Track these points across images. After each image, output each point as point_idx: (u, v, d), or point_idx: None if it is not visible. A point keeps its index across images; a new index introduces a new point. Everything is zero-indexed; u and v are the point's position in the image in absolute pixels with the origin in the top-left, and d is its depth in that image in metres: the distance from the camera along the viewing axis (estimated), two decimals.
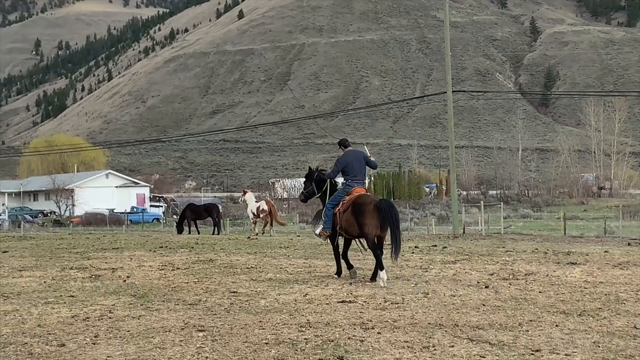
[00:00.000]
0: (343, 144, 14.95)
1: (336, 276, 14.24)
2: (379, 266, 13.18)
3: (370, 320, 9.62)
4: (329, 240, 14.47)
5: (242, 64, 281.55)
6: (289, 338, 8.62)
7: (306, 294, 12.02)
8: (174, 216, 75.11)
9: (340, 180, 14.87)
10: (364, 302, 11.18)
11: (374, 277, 13.50)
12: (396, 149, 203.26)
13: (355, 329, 9.13)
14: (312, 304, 11.06)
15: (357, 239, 14.20)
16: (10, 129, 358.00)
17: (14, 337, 8.84)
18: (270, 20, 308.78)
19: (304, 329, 9.09)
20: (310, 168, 15.72)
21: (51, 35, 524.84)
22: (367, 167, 14.89)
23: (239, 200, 53.66)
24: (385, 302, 11.15)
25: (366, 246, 13.87)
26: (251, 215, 37.32)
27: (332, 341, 8.40)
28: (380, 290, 12.26)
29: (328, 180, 14.70)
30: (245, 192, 39.61)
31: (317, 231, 14.58)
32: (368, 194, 14.29)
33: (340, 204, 13.82)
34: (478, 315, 9.94)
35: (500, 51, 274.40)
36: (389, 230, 13.36)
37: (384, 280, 12.97)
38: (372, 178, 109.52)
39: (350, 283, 13.18)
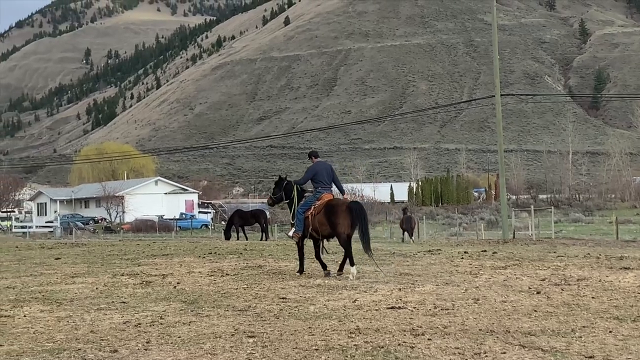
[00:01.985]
0: (313, 154, 16.73)
1: (298, 274, 15.78)
2: (351, 262, 14.99)
3: (420, 327, 9.56)
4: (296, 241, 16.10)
5: (288, 70, 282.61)
6: (339, 344, 8.60)
7: (355, 299, 11.98)
8: (222, 222, 75.61)
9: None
10: (414, 308, 11.11)
11: (341, 269, 15.56)
12: (444, 153, 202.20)
13: (405, 335, 9.08)
14: (361, 310, 11.02)
15: (322, 240, 15.93)
16: (62, 137, 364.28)
17: (67, 343, 8.96)
18: (316, 26, 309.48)
19: (353, 335, 9.07)
20: (280, 176, 17.29)
21: (101, 45, 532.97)
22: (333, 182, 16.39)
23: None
24: (435, 308, 11.07)
25: (327, 248, 15.86)
26: None
27: (382, 347, 8.37)
28: (430, 296, 12.19)
29: (295, 187, 16.28)
30: None
31: (290, 233, 16.14)
32: (338, 197, 16.29)
33: (312, 208, 15.45)
34: (530, 322, 9.82)
35: (549, 54, 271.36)
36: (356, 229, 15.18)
37: (354, 275, 14.81)
38: (420, 182, 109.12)
39: (400, 289, 13.11)
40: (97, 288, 14.26)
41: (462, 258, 20.08)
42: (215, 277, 15.76)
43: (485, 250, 23.20)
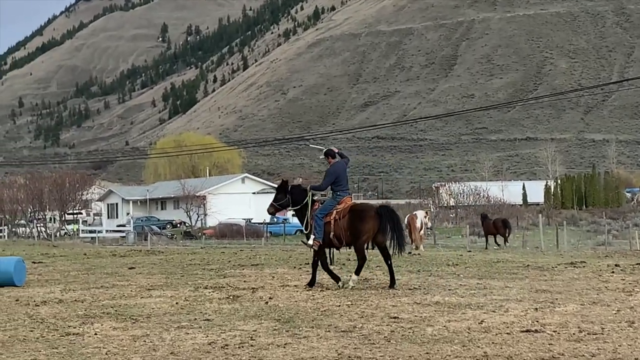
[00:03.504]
0: (330, 154, 17.34)
1: (309, 287, 16.64)
2: (358, 270, 16.69)
3: (562, 354, 9.42)
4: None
5: (398, 47, 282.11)
6: None
7: (482, 321, 11.89)
8: None
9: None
10: (554, 331, 10.95)
11: (392, 282, 16.57)
12: (588, 145, 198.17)
13: None
14: (489, 333, 10.93)
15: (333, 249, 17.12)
16: (135, 128, 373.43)
17: None
18: None
19: None
20: (283, 180, 18.11)
21: (179, 19, 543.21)
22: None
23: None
24: (581, 332, 10.88)
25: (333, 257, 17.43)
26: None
27: None
28: (574, 318, 11.99)
29: (310, 193, 17.11)
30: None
31: (310, 242, 16.68)
32: (362, 201, 17.57)
33: (335, 213, 16.41)
34: None
35: None
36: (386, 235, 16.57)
37: (354, 281, 16.51)
38: (559, 181, 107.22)
39: (536, 309, 12.93)
40: (177, 303, 14.55)
41: (613, 272, 19.67)
42: (314, 292, 15.87)
43: None
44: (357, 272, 16.69)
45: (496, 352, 9.63)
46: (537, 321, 11.80)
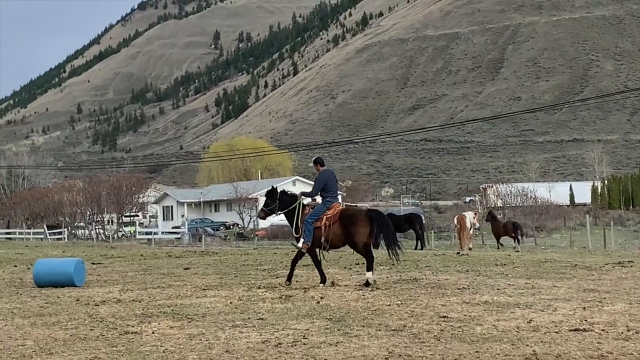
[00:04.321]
0: (320, 162, 18.00)
1: (322, 285, 17.17)
2: (370, 267, 16.87)
3: (611, 353, 9.31)
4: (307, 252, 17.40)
5: (445, 51, 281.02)
6: None
7: (530, 320, 11.79)
8: None
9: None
10: (602, 330, 10.83)
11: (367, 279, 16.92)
12: (636, 146, 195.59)
13: None
14: (538, 332, 10.84)
15: (321, 250, 17.46)
16: (188, 132, 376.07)
17: None
18: None
19: None
20: (273, 186, 18.92)
21: (231, 27, 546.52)
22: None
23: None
24: (629, 330, 10.75)
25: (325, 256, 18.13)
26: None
27: None
28: (622, 317, 11.84)
29: (300, 198, 17.80)
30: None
31: (300, 244, 17.34)
32: (350, 206, 17.90)
33: (325, 219, 17.01)
34: None
35: None
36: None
37: (371, 280, 16.74)
38: (606, 182, 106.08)
39: (585, 308, 12.80)
40: (231, 302, 14.62)
41: None
42: (364, 292, 15.85)
43: None
44: (370, 269, 16.98)
45: (545, 350, 9.55)
46: (586, 320, 11.68)
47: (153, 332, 11.50)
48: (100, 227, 79.60)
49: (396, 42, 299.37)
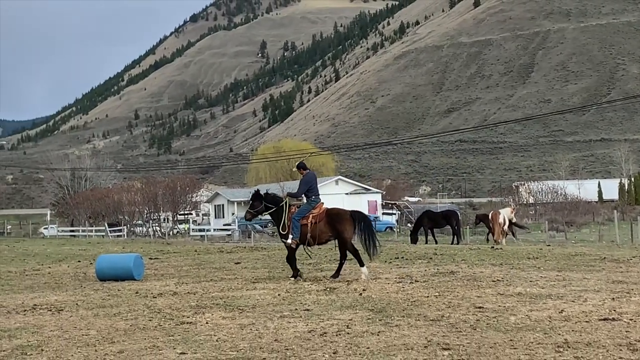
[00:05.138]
0: (302, 166, 18.69)
1: (292, 279, 17.50)
2: (360, 263, 17.34)
3: (639, 341, 9.22)
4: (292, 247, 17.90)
5: (479, 57, 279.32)
6: (545, 359, 8.43)
7: (562, 310, 11.71)
8: (408, 224, 75.69)
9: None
10: (630, 319, 10.73)
11: (337, 274, 17.57)
12: None
13: (621, 350, 8.78)
14: (569, 321, 10.76)
15: (305, 246, 17.88)
16: (238, 136, 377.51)
17: (251, 352, 9.28)
18: (509, 7, 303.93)
19: (561, 350, 8.86)
20: (257, 190, 19.44)
21: (277, 36, 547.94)
22: None
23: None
24: None
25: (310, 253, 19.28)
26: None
27: None
28: None
29: (286, 199, 18.28)
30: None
31: (289, 241, 17.70)
32: (335, 207, 18.56)
33: (311, 217, 17.47)
34: None
35: None
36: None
37: (366, 275, 17.04)
38: (632, 179, 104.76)
39: (613, 299, 12.67)
40: (279, 294, 14.68)
41: None
42: (404, 284, 15.83)
43: None
44: (362, 264, 17.37)
45: (576, 339, 9.48)
46: (614, 310, 11.58)
47: (207, 323, 11.58)
48: (156, 224, 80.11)
49: (432, 49, 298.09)
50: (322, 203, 18.18)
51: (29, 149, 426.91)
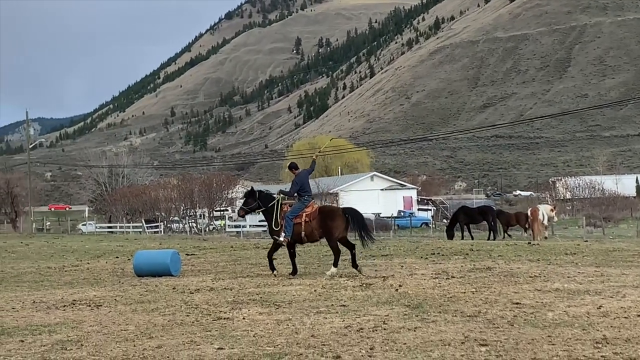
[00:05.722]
0: (294, 167, 19.55)
1: (292, 275, 17.89)
2: (336, 264, 17.77)
3: None
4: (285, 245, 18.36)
5: (514, 52, 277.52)
6: (584, 355, 8.38)
7: (600, 306, 11.62)
8: (444, 220, 75.43)
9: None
10: None
11: (354, 265, 17.89)
12: None
13: None
14: (607, 317, 10.68)
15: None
16: (273, 132, 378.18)
17: (288, 347, 9.31)
18: (546, 1, 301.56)
19: (600, 346, 8.81)
20: (252, 187, 20.38)
21: (311, 33, 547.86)
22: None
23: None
24: None
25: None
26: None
27: None
28: None
29: (279, 197, 18.62)
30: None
31: (281, 239, 18.11)
32: (327, 205, 18.58)
33: (304, 215, 17.89)
34: None
35: None
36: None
37: (333, 274, 17.36)
38: None
39: None
40: (315, 290, 14.70)
41: None
42: (440, 280, 15.79)
43: None
44: (335, 265, 17.83)
45: (614, 335, 9.41)
46: None
47: (244, 318, 11.63)
48: (193, 221, 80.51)
49: (467, 44, 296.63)
50: (314, 202, 18.80)
51: (67, 146, 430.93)
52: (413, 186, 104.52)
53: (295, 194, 18.55)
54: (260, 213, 19.28)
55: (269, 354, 8.95)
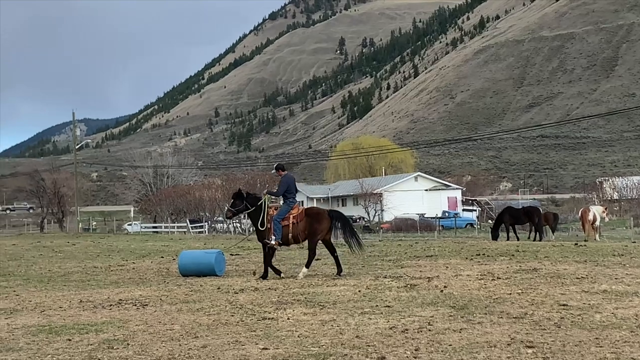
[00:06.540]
0: (281, 168, 19.63)
1: (262, 279, 17.93)
2: (308, 265, 18.36)
3: None
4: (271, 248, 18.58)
5: (561, 51, 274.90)
6: (632, 358, 8.28)
7: None
8: (489, 221, 74.95)
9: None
10: None
11: (339, 272, 18.25)
12: None
13: None
14: None
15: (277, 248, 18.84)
16: (316, 133, 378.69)
17: (333, 348, 9.31)
18: (592, 0, 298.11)
19: None
20: (240, 189, 20.33)
21: (355, 33, 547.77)
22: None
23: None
24: None
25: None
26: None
27: None
28: None
29: (265, 198, 18.89)
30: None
31: (272, 241, 18.32)
32: (313, 207, 19.86)
33: (291, 217, 18.34)
34: None
35: None
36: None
37: (304, 274, 17.96)
38: None
39: None
40: (359, 291, 14.69)
41: None
42: (486, 281, 15.69)
43: None
44: (307, 265, 18.37)
45: None
46: None
47: (288, 318, 11.66)
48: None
49: (512, 44, 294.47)
50: (299, 204, 19.23)
51: (112, 146, 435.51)
52: (458, 186, 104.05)
53: (281, 195, 18.97)
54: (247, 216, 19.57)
55: (314, 355, 8.96)
